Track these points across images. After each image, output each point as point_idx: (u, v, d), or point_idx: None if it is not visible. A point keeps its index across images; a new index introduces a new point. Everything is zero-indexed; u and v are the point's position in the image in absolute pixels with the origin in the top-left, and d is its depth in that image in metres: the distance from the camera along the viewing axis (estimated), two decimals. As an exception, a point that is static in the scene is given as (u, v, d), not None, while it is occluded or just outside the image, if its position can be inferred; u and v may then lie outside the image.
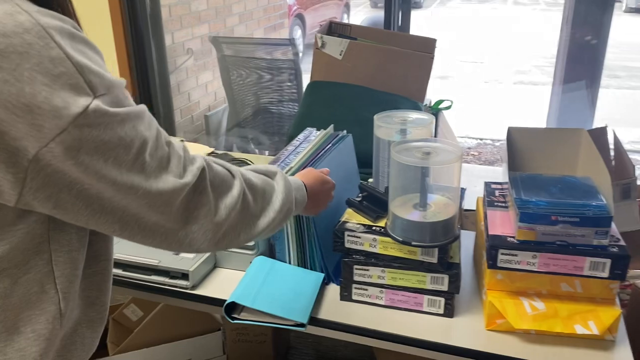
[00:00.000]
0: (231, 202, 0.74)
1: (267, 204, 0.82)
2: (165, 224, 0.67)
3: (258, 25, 3.68)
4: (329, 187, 1.04)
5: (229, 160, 1.27)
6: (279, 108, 3.19)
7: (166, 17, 2.70)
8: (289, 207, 0.86)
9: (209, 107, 3.26)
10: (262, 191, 0.81)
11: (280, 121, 3.27)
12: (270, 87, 3.09)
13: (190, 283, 1.16)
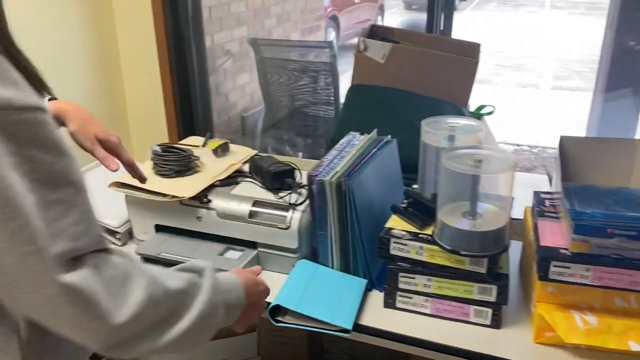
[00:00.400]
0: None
1: (182, 307, 0.70)
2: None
3: (295, 28, 3.69)
4: (262, 290, 0.91)
5: (273, 163, 1.27)
6: (313, 110, 3.19)
7: (206, 19, 2.73)
8: (213, 313, 0.73)
9: (245, 109, 3.29)
10: (176, 293, 0.69)
11: (315, 123, 3.27)
12: (306, 89, 3.10)
13: (234, 284, 1.16)
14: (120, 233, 1.34)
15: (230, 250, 1.25)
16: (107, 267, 0.62)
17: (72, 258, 0.59)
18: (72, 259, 0.59)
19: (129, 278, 0.64)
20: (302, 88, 3.07)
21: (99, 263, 0.61)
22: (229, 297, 0.78)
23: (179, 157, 1.30)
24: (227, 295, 0.78)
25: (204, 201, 1.23)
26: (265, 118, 3.17)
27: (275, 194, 1.24)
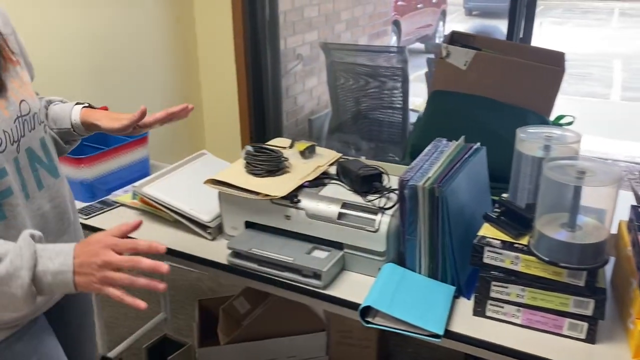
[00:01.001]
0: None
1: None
2: None
3: (363, 33, 3.72)
4: (95, 249, 0.85)
5: (361, 166, 1.30)
6: (379, 115, 3.20)
7: (281, 23, 2.79)
8: (14, 278, 0.81)
9: (312, 112, 3.33)
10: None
11: (380, 128, 3.28)
12: (373, 93, 3.11)
13: (322, 283, 1.19)
14: (212, 228, 1.40)
15: (316, 249, 1.28)
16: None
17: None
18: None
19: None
20: (370, 92, 3.08)
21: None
22: (48, 264, 0.83)
23: (270, 158, 1.34)
24: (46, 261, 0.84)
25: (294, 201, 1.26)
26: (332, 121, 3.20)
27: (363, 197, 1.26)
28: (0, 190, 0.88)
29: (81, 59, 2.20)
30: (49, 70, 2.09)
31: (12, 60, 0.98)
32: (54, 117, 1.16)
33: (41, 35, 2.03)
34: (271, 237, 1.32)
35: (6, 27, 1.00)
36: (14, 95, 0.94)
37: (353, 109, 3.17)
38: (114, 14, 2.30)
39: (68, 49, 2.14)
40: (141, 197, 1.48)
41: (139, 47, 2.45)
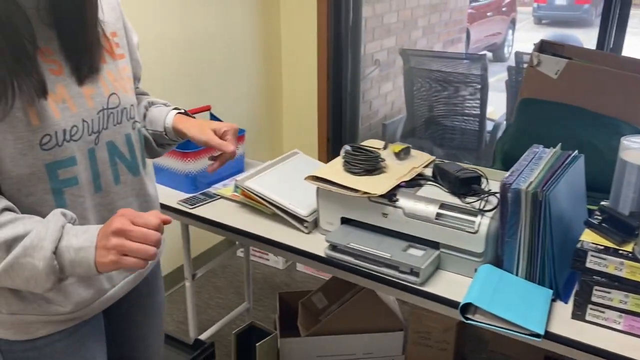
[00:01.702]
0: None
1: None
2: None
3: (438, 39, 3.74)
4: (111, 231, 0.81)
5: (459, 169, 1.34)
6: (453, 121, 3.21)
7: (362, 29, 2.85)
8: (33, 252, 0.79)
9: (385, 116, 3.38)
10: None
11: (453, 134, 3.28)
12: (448, 100, 3.13)
13: (420, 280, 1.24)
14: (308, 222, 1.47)
15: (412, 247, 1.33)
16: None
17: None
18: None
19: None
20: (445, 98, 3.10)
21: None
22: (72, 240, 0.82)
23: (368, 158, 1.40)
24: (71, 237, 0.82)
25: (393, 200, 1.32)
26: (405, 126, 3.24)
27: (461, 199, 1.30)
28: (66, 177, 0.88)
29: (180, 64, 2.35)
30: (152, 75, 2.25)
31: (114, 53, 0.98)
32: (151, 118, 1.17)
33: (145, 42, 2.18)
34: (367, 234, 1.38)
35: (117, 22, 1.01)
36: (106, 86, 0.94)
37: (426, 115, 3.20)
38: (208, 21, 2.43)
39: (169, 55, 2.29)
40: (242, 190, 1.58)
41: (229, 52, 2.58)
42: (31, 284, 0.81)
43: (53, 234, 0.80)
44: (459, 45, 4.12)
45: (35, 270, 0.80)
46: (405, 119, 3.20)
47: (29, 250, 0.79)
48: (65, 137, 0.86)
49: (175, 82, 2.35)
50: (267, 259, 2.76)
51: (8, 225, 0.80)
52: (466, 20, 5.55)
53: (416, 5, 3.39)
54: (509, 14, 8.30)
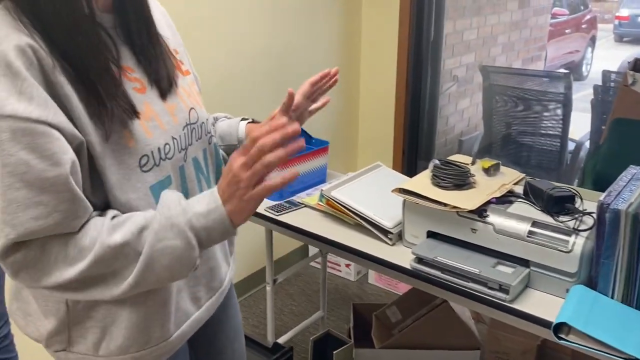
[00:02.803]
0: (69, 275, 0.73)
1: (123, 266, 0.76)
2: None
3: (517, 57, 3.68)
4: (233, 174, 0.76)
5: (552, 187, 1.32)
6: (531, 140, 3.14)
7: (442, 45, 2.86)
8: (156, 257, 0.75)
9: (461, 132, 3.36)
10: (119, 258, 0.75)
11: (529, 153, 3.21)
12: (527, 118, 3.07)
13: (509, 297, 1.23)
14: (393, 234, 1.49)
15: (500, 264, 1.32)
16: (53, 247, 0.73)
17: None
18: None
19: (79, 254, 0.74)
20: (525, 116, 3.04)
21: (49, 243, 0.73)
22: (196, 206, 0.77)
23: (458, 172, 1.41)
24: (193, 206, 0.77)
25: (483, 215, 1.32)
26: (482, 143, 3.20)
27: (554, 218, 1.28)
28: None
29: (267, 77, 2.44)
30: (241, 87, 2.35)
31: (181, 70, 0.97)
32: (221, 133, 1.14)
33: (234, 55, 2.28)
34: (454, 248, 1.38)
35: (174, 39, 1.01)
36: (184, 102, 0.92)
37: (505, 133, 3.15)
38: (293, 35, 2.52)
39: (257, 68, 2.39)
40: (327, 200, 1.62)
41: (311, 65, 2.65)
42: (175, 269, 0.77)
43: (176, 208, 0.76)
44: (538, 63, 4.02)
45: (176, 250, 0.75)
46: (483, 136, 3.16)
47: (161, 234, 0.75)
48: (160, 155, 0.84)
49: (262, 95, 2.45)
50: (340, 270, 2.79)
51: (127, 222, 0.77)
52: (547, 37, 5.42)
53: (496, 22, 3.36)
54: (589, 32, 8.01)
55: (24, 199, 0.69)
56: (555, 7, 6.44)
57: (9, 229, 0.70)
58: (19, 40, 0.69)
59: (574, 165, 2.95)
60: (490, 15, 3.29)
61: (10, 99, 0.67)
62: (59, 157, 0.70)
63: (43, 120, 0.69)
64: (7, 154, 0.68)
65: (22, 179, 0.68)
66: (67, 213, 0.72)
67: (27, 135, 0.68)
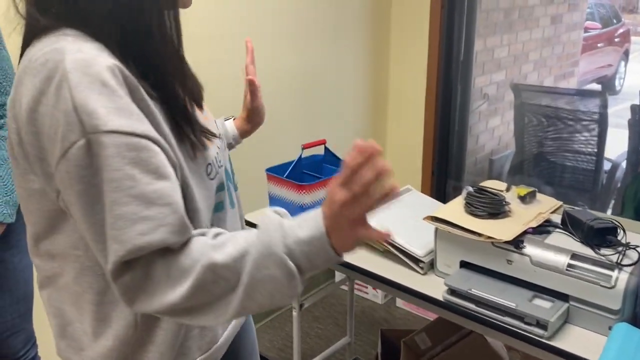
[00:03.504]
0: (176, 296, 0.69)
1: (229, 292, 0.71)
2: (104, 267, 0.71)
3: (549, 74, 3.59)
4: (338, 207, 0.70)
5: (592, 218, 1.26)
6: (564, 159, 3.06)
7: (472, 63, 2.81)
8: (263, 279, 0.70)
9: (491, 151, 3.28)
10: (227, 279, 0.70)
11: (563, 173, 3.13)
12: (559, 136, 2.99)
13: (547, 333, 1.18)
14: (424, 262, 1.45)
15: (537, 298, 1.26)
16: (160, 266, 0.69)
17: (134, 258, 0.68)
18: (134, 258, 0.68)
19: (180, 275, 0.69)
20: (558, 135, 2.96)
21: (155, 262, 0.69)
22: (299, 232, 0.71)
23: (493, 200, 1.36)
24: (296, 230, 0.71)
25: (520, 246, 1.26)
26: (513, 162, 3.13)
27: (595, 250, 1.22)
28: (219, 202, 0.87)
29: (294, 97, 2.43)
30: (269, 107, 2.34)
31: None
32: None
33: (262, 75, 2.28)
34: (488, 280, 1.33)
35: None
36: (209, 113, 0.94)
37: (537, 152, 3.07)
38: (320, 50, 2.50)
39: (283, 85, 2.38)
40: (356, 226, 1.58)
41: (338, 82, 2.63)
42: (277, 297, 0.72)
43: (276, 233, 0.71)
44: (570, 80, 3.92)
45: (275, 281, 0.71)
46: (514, 155, 3.09)
47: (261, 262, 0.70)
48: (218, 163, 0.86)
49: (290, 114, 2.43)
50: (367, 292, 2.74)
51: (228, 243, 0.72)
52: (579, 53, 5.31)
53: (528, 39, 3.29)
54: (622, 45, 7.83)
55: (130, 215, 0.67)
56: (587, 21, 6.33)
57: (117, 246, 0.67)
58: (107, 61, 0.69)
59: (610, 187, 2.85)
60: (521, 31, 3.23)
61: (111, 115, 0.67)
62: (162, 171, 0.69)
63: (146, 134, 0.69)
64: (112, 169, 0.66)
65: (128, 194, 0.67)
66: (172, 228, 0.69)
67: (131, 150, 0.67)
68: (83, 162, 0.67)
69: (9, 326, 1.40)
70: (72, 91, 0.66)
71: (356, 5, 2.61)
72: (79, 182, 0.67)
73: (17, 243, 1.33)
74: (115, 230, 0.67)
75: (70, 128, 0.66)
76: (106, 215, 0.67)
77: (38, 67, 0.68)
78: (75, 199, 0.69)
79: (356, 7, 2.62)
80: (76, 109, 0.66)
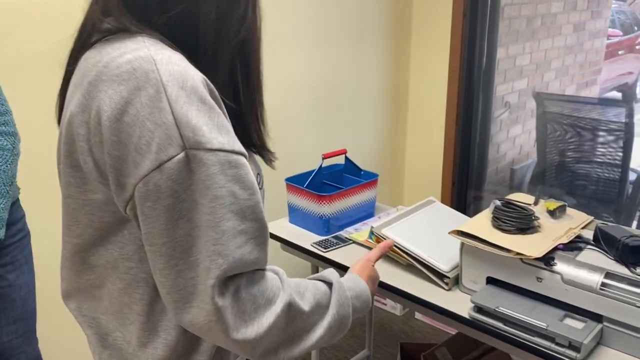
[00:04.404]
0: (261, 328, 0.71)
1: (314, 323, 0.79)
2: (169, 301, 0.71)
3: (571, 82, 3.53)
4: (376, 283, 1.01)
5: (626, 234, 1.21)
6: (587, 169, 2.99)
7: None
8: (342, 322, 0.83)
9: (512, 161, 3.23)
10: (309, 313, 0.78)
11: (586, 183, 3.06)
12: (584, 146, 2.93)
13: (580, 355, 1.13)
14: (449, 278, 1.40)
15: (569, 317, 1.21)
16: (253, 287, 0.71)
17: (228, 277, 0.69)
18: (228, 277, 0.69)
19: (268, 302, 0.72)
20: (581, 145, 2.90)
21: (248, 283, 0.71)
22: (356, 304, 0.87)
23: (522, 215, 1.32)
24: (355, 301, 0.86)
25: (550, 264, 1.22)
26: (535, 171, 3.07)
27: (630, 269, 1.17)
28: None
29: (313, 103, 2.40)
30: (291, 117, 2.32)
31: None
32: None
33: (284, 85, 2.26)
34: (516, 297, 1.28)
35: None
36: None
37: (560, 162, 3.01)
38: (341, 59, 2.48)
39: (303, 94, 2.35)
40: (377, 238, 1.55)
41: (359, 90, 2.60)
42: (336, 337, 0.85)
43: (348, 310, 0.84)
44: (592, 88, 3.85)
45: (336, 336, 0.84)
46: (536, 165, 3.03)
47: (334, 328, 0.82)
48: (260, 174, 0.89)
49: (310, 125, 2.41)
50: (385, 304, 2.69)
51: (305, 293, 0.80)
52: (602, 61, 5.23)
53: (550, 47, 3.24)
54: (644, 52, 7.72)
55: (231, 230, 0.68)
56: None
57: (221, 260, 0.68)
58: (197, 75, 0.69)
59: (636, 199, 2.78)
60: (544, 39, 3.18)
61: (213, 132, 0.67)
62: (255, 187, 0.72)
63: (242, 152, 0.70)
64: (217, 186, 0.67)
65: (230, 210, 0.68)
66: (260, 241, 0.72)
67: (233, 168, 0.68)
68: (179, 177, 0.66)
69: (6, 348, 1.29)
70: (172, 105, 0.65)
71: (377, 15, 2.59)
72: (170, 196, 0.66)
73: (12, 259, 1.27)
74: (220, 245, 0.67)
75: (170, 142, 0.65)
76: (201, 230, 0.68)
77: (123, 75, 0.66)
78: (159, 213, 0.67)
79: (377, 17, 2.59)
80: (177, 123, 0.65)
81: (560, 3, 3.31)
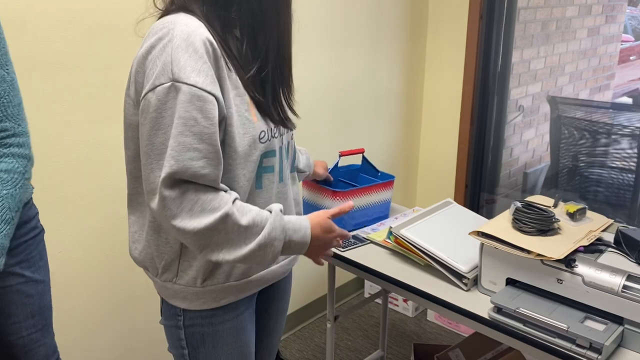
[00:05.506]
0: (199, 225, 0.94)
1: (249, 237, 0.98)
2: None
3: (585, 86, 3.52)
4: (331, 237, 1.11)
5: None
6: (599, 174, 2.99)
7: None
8: (272, 245, 1.00)
9: (525, 164, 3.22)
10: (245, 227, 0.97)
11: (597, 188, 3.05)
12: (598, 150, 2.92)
13: (602, 357, 1.13)
14: (468, 279, 1.41)
15: (589, 319, 1.22)
16: (202, 195, 0.94)
17: (182, 180, 0.93)
18: (182, 180, 0.93)
19: (213, 209, 0.94)
20: (595, 149, 2.90)
21: (197, 190, 0.94)
22: (293, 236, 1.04)
23: (542, 217, 1.32)
24: (291, 233, 1.03)
25: (571, 265, 1.22)
26: (548, 175, 3.07)
27: (652, 272, 1.17)
28: (267, 165, 1.08)
29: (330, 105, 2.41)
30: (309, 117, 2.33)
31: None
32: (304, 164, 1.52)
33: (305, 85, 2.27)
34: (536, 299, 1.29)
35: None
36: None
37: (572, 166, 3.01)
38: (357, 60, 2.49)
39: (320, 96, 2.36)
40: (396, 238, 1.56)
41: (374, 92, 2.61)
42: (254, 262, 1.02)
43: (280, 234, 1.02)
44: (605, 93, 3.84)
45: (264, 258, 1.02)
46: (549, 168, 3.02)
47: (263, 247, 1.00)
48: (273, 134, 1.08)
49: (327, 124, 2.42)
50: (397, 305, 2.70)
51: (252, 210, 1.00)
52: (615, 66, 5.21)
53: (564, 51, 3.24)
54: (655, 58, 7.69)
55: (188, 144, 0.92)
56: (620, 34, 6.20)
57: (172, 162, 0.91)
58: (203, 34, 0.95)
59: (650, 204, 2.78)
60: (558, 43, 3.18)
61: (193, 73, 0.91)
62: (216, 120, 0.94)
63: (212, 92, 0.93)
64: (184, 110, 0.91)
65: (190, 130, 0.92)
66: (212, 163, 0.94)
67: (200, 100, 0.92)
68: (163, 98, 0.92)
69: (26, 342, 1.33)
70: (173, 50, 0.92)
71: (393, 17, 2.60)
72: (154, 110, 0.93)
73: (27, 257, 1.28)
74: (174, 151, 0.91)
75: (164, 74, 0.92)
76: (169, 140, 0.92)
77: (156, 31, 0.96)
78: (146, 122, 0.94)
79: (393, 19, 2.60)
80: (172, 62, 0.91)
81: (575, 7, 3.31)
